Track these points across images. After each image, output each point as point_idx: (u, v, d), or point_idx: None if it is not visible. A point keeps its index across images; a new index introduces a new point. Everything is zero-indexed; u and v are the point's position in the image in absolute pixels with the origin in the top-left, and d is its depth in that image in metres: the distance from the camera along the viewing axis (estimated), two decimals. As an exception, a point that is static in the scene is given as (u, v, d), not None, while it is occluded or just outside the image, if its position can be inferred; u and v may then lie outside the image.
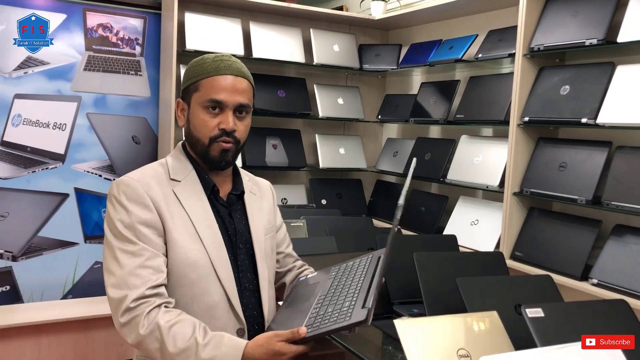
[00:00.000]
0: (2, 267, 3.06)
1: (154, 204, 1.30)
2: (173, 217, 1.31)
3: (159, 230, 1.29)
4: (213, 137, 1.33)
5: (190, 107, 1.37)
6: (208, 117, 1.33)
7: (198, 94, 1.35)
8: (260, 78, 3.33)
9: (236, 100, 1.34)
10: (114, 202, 1.31)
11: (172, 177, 1.37)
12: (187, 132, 1.39)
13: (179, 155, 1.42)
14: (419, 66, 3.25)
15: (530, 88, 2.51)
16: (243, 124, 1.37)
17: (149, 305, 1.22)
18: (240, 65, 1.39)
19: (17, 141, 3.05)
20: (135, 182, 1.31)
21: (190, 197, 1.35)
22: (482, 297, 1.71)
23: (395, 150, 3.51)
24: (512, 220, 2.55)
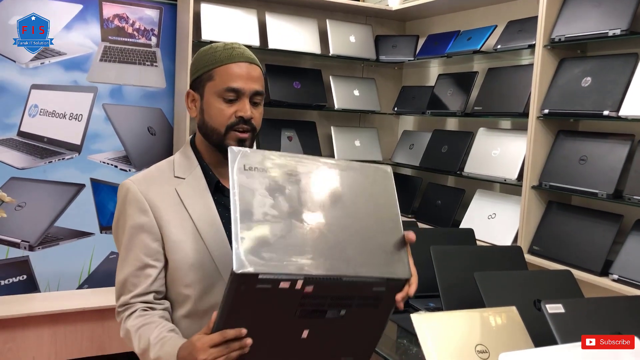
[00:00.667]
0: (19, 257, 3.08)
1: (151, 207, 1.30)
2: (174, 218, 1.30)
3: (154, 234, 1.29)
4: (230, 125, 1.31)
5: (203, 98, 1.34)
6: (224, 105, 1.31)
7: (212, 82, 1.32)
8: (275, 69, 3.32)
9: (252, 88, 1.32)
10: (118, 204, 1.35)
11: (177, 174, 1.36)
12: (201, 122, 1.36)
13: (186, 151, 1.41)
14: (436, 57, 3.21)
15: (551, 80, 2.47)
16: (258, 111, 1.35)
17: (129, 310, 1.28)
18: (250, 53, 1.37)
19: (34, 131, 3.07)
20: (135, 186, 1.32)
21: (193, 195, 1.33)
22: (500, 292, 1.68)
23: (412, 142, 3.47)
24: (530, 214, 2.51)
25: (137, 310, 1.28)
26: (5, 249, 3.05)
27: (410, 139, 3.51)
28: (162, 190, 1.32)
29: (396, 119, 3.82)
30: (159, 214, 1.29)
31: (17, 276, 3.10)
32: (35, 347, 2.88)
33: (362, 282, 1.10)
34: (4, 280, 3.06)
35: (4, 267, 3.06)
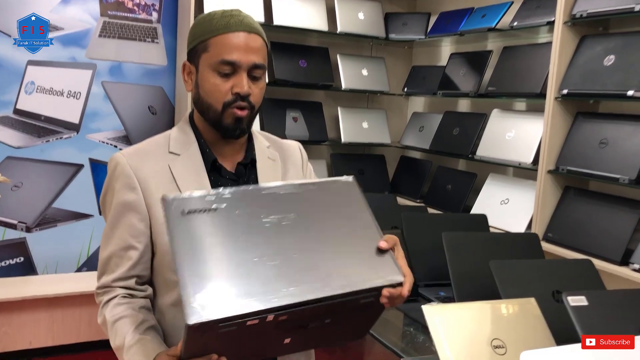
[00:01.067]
0: (16, 238, 3.01)
1: (141, 184, 1.19)
2: None
3: (141, 214, 1.19)
4: (227, 102, 1.19)
5: (198, 70, 1.22)
6: (220, 80, 1.18)
7: (207, 54, 1.19)
8: (281, 47, 3.20)
9: (250, 60, 1.18)
10: (107, 177, 1.25)
11: (172, 150, 1.24)
12: (197, 98, 1.24)
13: (184, 126, 1.29)
14: (448, 36, 3.08)
15: (570, 59, 2.34)
16: (258, 86, 1.21)
17: (108, 294, 1.20)
18: (252, 21, 1.23)
19: (30, 109, 2.97)
20: (124, 160, 1.21)
21: (187, 174, 1.22)
22: (517, 282, 1.59)
23: (422, 125, 3.35)
24: (545, 200, 2.40)
25: (117, 297, 1.18)
26: (1, 230, 2.97)
27: (420, 121, 3.39)
28: (154, 167, 1.21)
29: (405, 100, 3.70)
30: (148, 191, 1.19)
31: (13, 258, 3.02)
32: (32, 331, 2.81)
33: (345, 299, 0.99)
34: (1, 262, 2.99)
35: (0, 249, 2.98)
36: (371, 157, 3.55)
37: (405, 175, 3.44)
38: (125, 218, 1.19)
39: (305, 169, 1.42)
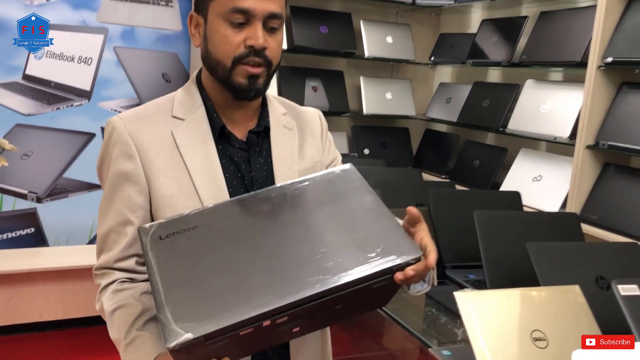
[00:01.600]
0: (26, 209, 2.94)
1: (139, 152, 1.07)
2: (165, 167, 1.08)
3: (140, 185, 1.07)
4: (238, 56, 1.04)
5: (207, 21, 1.08)
6: (231, 31, 1.04)
7: (216, 2, 1.05)
8: (300, 11, 3.06)
9: (266, 9, 1.03)
10: (103, 143, 1.12)
11: (175, 114, 1.11)
12: (205, 53, 1.10)
13: (190, 87, 1.16)
14: (479, 1, 2.89)
15: (616, 24, 2.15)
16: (275, 40, 1.07)
17: (107, 278, 1.09)
18: None
19: (40, 75, 2.87)
20: (122, 124, 1.08)
21: (192, 141, 1.10)
22: (556, 267, 1.45)
23: (449, 96, 3.18)
24: (582, 177, 2.24)
25: (115, 283, 1.07)
26: (12, 200, 2.90)
27: (447, 92, 3.22)
28: (155, 132, 1.08)
29: (432, 70, 3.52)
30: (147, 160, 1.07)
31: (24, 229, 2.95)
32: (42, 303, 2.76)
33: (352, 288, 0.87)
34: (10, 233, 2.92)
35: (10, 219, 2.91)
36: (394, 129, 3.39)
37: (430, 150, 3.28)
38: (122, 190, 1.07)
39: (324, 139, 1.28)
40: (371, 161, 2.86)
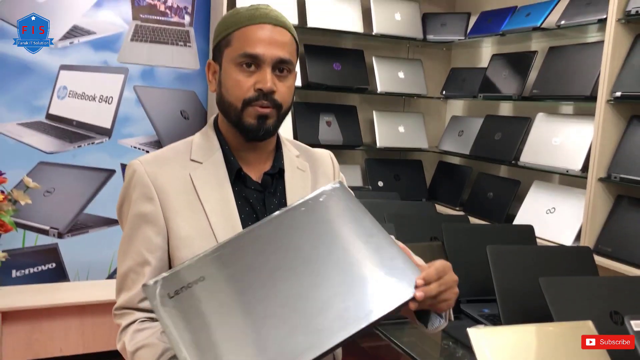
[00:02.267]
0: (48, 244, 3.00)
1: (159, 194, 1.11)
2: (183, 209, 1.12)
3: (159, 227, 1.11)
4: (248, 99, 1.10)
5: (222, 67, 1.14)
6: (242, 76, 1.10)
7: (230, 49, 1.11)
8: (314, 49, 3.14)
9: (275, 55, 1.09)
10: (123, 185, 1.17)
11: (193, 157, 1.16)
12: (219, 97, 1.16)
13: (208, 131, 1.21)
14: (490, 36, 2.96)
15: (624, 59, 2.20)
16: (285, 84, 1.12)
17: (127, 318, 1.12)
18: (279, 14, 1.15)
19: (62, 114, 2.97)
20: (142, 168, 1.13)
21: (209, 184, 1.14)
22: (570, 302, 1.47)
23: (461, 129, 3.22)
24: (596, 210, 2.26)
25: (136, 322, 1.10)
26: (34, 235, 2.97)
27: (459, 125, 3.27)
28: (173, 175, 1.13)
29: (444, 104, 3.57)
30: (166, 202, 1.11)
31: (46, 264, 3.02)
32: (62, 338, 2.80)
33: (373, 325, 0.89)
34: (32, 268, 2.99)
35: (33, 255, 2.98)
36: (408, 162, 3.43)
37: (443, 182, 3.31)
38: (142, 231, 1.11)
39: (337, 179, 1.32)
40: (385, 194, 2.90)
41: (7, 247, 2.76)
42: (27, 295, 2.77)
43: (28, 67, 2.87)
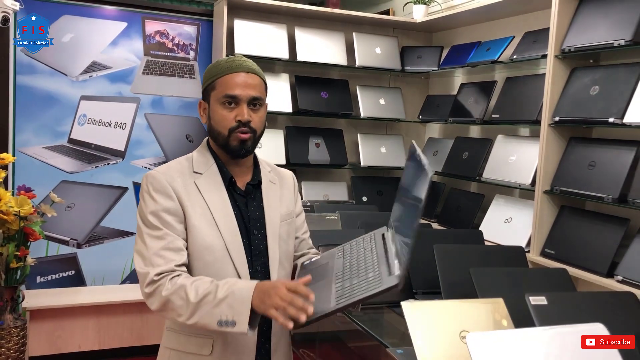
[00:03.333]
0: (68, 253, 3.35)
1: (176, 194, 1.45)
2: (193, 206, 1.45)
3: (179, 217, 1.44)
4: (232, 128, 1.47)
5: (210, 105, 1.50)
6: (225, 111, 1.47)
7: (215, 92, 1.48)
8: (304, 80, 3.50)
9: (249, 94, 1.47)
10: (143, 194, 1.47)
11: (195, 169, 1.51)
12: (210, 127, 1.53)
13: (203, 150, 1.56)
14: (459, 67, 3.31)
15: (562, 89, 2.55)
16: (257, 115, 1.49)
17: (171, 275, 1.37)
18: (251, 64, 1.52)
19: (82, 139, 3.34)
20: (160, 175, 1.46)
21: (210, 189, 1.49)
22: (494, 287, 1.77)
23: (436, 149, 3.58)
24: (542, 218, 2.58)
25: (183, 275, 1.38)
26: (56, 246, 3.32)
27: (434, 146, 3.62)
28: (183, 182, 1.47)
29: (422, 127, 3.93)
30: (182, 200, 1.45)
31: (66, 271, 3.36)
32: (81, 335, 3.12)
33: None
34: (54, 275, 3.33)
35: (55, 263, 3.33)
36: (389, 179, 3.78)
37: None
38: (168, 221, 1.42)
39: (296, 195, 1.71)
40: (364, 206, 3.26)
41: (33, 255, 3.09)
42: (50, 297, 3.11)
43: (53, 97, 3.26)
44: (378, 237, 1.61)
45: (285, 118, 3.56)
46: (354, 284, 1.37)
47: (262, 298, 1.30)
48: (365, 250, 1.55)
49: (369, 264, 1.45)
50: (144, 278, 1.38)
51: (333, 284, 1.42)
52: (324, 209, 2.99)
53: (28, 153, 3.23)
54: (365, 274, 1.39)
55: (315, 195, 3.48)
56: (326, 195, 3.51)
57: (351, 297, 1.31)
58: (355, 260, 1.52)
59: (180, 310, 1.33)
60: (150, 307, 1.39)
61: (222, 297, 1.31)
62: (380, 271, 1.37)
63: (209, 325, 1.32)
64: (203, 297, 1.32)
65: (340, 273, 1.48)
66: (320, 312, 1.30)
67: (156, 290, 1.36)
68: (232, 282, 1.36)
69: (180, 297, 1.33)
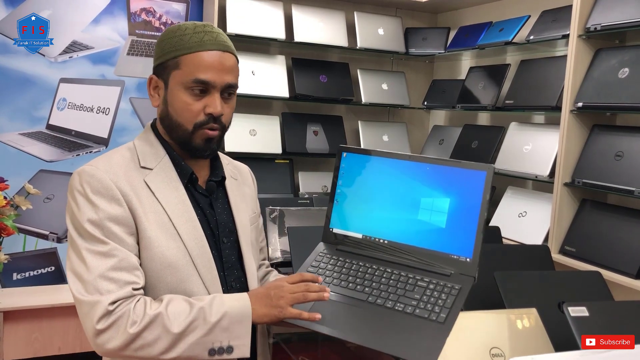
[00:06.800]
0: (47, 248, 3.13)
1: (124, 197, 1.12)
2: (146, 212, 1.14)
3: (130, 228, 1.12)
4: (198, 123, 1.17)
5: (168, 86, 1.18)
6: (191, 99, 1.15)
7: (179, 72, 1.15)
8: (301, 62, 3.28)
9: (225, 80, 1.16)
10: (76, 196, 1.12)
11: (143, 164, 1.19)
12: (164, 114, 1.20)
13: (149, 138, 1.23)
14: (467, 50, 3.11)
15: (586, 71, 2.35)
16: (229, 106, 1.20)
17: (132, 301, 1.07)
18: (225, 38, 1.20)
19: (62, 125, 3.11)
20: (101, 172, 1.13)
21: (165, 188, 1.18)
22: (522, 293, 1.60)
23: (442, 138, 3.38)
24: (562, 213, 2.40)
25: (141, 299, 1.09)
26: (34, 240, 3.10)
27: (440, 134, 3.42)
28: (131, 180, 1.16)
29: (426, 114, 3.73)
30: (132, 205, 1.13)
31: (45, 267, 3.15)
32: (60, 337, 2.92)
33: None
34: (32, 272, 3.12)
35: (33, 258, 3.11)
36: (392, 170, 3.57)
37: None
38: (114, 233, 1.11)
39: (256, 194, 1.46)
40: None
41: (9, 250, 2.89)
42: (27, 296, 2.89)
43: (29, 80, 3.02)
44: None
45: (281, 103, 3.33)
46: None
47: (266, 303, 1.11)
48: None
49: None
50: (92, 309, 1.05)
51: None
52: (324, 202, 2.77)
53: (2, 140, 3.00)
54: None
55: (313, 187, 3.27)
56: (325, 187, 3.30)
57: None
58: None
59: (156, 345, 1.05)
60: (102, 348, 1.05)
61: (215, 321, 1.07)
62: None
63: (196, 357, 1.08)
64: (189, 325, 1.06)
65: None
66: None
67: (115, 325, 1.05)
68: (219, 300, 1.10)
69: (154, 330, 1.05)
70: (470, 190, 1.28)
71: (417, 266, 1.31)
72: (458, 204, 1.30)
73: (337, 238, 1.42)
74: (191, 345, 1.07)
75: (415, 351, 1.11)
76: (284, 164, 3.24)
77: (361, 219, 1.41)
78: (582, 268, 2.20)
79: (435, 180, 1.33)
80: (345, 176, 1.46)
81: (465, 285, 1.26)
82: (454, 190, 1.30)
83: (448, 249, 1.31)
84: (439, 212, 1.32)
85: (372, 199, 1.40)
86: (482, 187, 1.27)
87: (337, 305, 1.23)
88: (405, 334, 1.15)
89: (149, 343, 1.05)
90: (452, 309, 1.20)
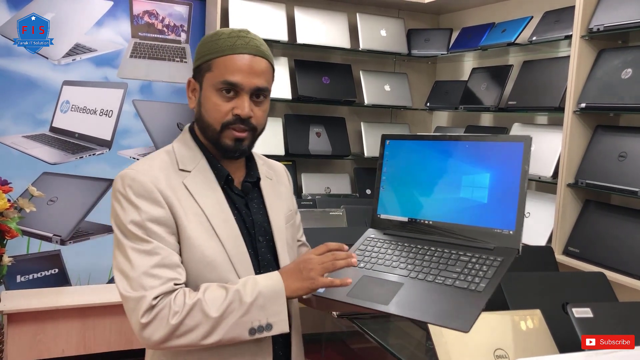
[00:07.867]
0: (51, 251, 3.14)
1: (165, 199, 1.17)
2: (186, 213, 1.18)
3: (171, 228, 1.17)
4: (225, 123, 1.20)
5: (202, 88, 1.23)
6: (221, 100, 1.19)
7: (211, 74, 1.20)
8: (303, 64, 3.28)
9: (253, 84, 1.19)
10: (120, 198, 1.17)
11: (181, 167, 1.23)
12: (198, 115, 1.25)
13: (187, 141, 1.27)
14: (470, 51, 3.11)
15: (588, 72, 2.34)
16: (261, 109, 1.23)
17: (173, 294, 1.12)
18: (259, 43, 1.23)
19: (65, 127, 3.12)
20: (142, 176, 1.17)
21: (203, 189, 1.22)
22: (526, 294, 1.60)
23: (444, 139, 3.37)
24: (565, 214, 2.39)
25: (180, 291, 1.13)
26: (38, 242, 3.11)
27: (442, 136, 3.41)
28: (170, 183, 1.20)
29: (430, 115, 3.72)
30: (173, 207, 1.18)
31: (49, 269, 3.16)
32: (64, 339, 2.92)
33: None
34: (36, 274, 3.12)
35: (37, 261, 3.12)
36: (395, 171, 3.57)
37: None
38: (157, 233, 1.15)
39: (292, 191, 1.47)
40: (370, 201, 3.04)
41: (12, 253, 2.89)
42: (31, 298, 2.89)
43: (33, 82, 3.03)
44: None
45: (284, 105, 3.34)
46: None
47: (297, 277, 1.16)
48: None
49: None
50: (137, 304, 1.10)
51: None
52: (327, 204, 2.77)
53: (6, 143, 3.01)
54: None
55: (316, 188, 3.27)
56: (328, 188, 3.30)
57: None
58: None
59: (197, 331, 1.10)
60: (148, 341, 1.10)
61: (251, 301, 1.12)
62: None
63: (238, 338, 1.12)
64: (226, 308, 1.11)
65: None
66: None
67: (157, 317, 1.09)
68: (253, 281, 1.15)
69: (195, 317, 1.10)
70: (510, 163, 1.28)
71: (461, 243, 1.31)
72: (498, 177, 1.30)
73: (384, 223, 1.45)
74: (231, 327, 1.11)
75: (450, 318, 1.11)
76: (286, 166, 3.24)
77: (406, 203, 1.43)
78: (586, 269, 2.20)
79: (474, 157, 1.33)
80: (389, 163, 1.49)
81: (508, 257, 1.25)
82: (494, 165, 1.30)
83: (491, 223, 1.29)
84: (480, 187, 1.31)
85: (415, 182, 1.42)
86: (520, 159, 1.27)
87: (378, 282, 1.26)
88: (442, 304, 1.15)
89: (191, 329, 1.10)
90: (492, 280, 1.19)
